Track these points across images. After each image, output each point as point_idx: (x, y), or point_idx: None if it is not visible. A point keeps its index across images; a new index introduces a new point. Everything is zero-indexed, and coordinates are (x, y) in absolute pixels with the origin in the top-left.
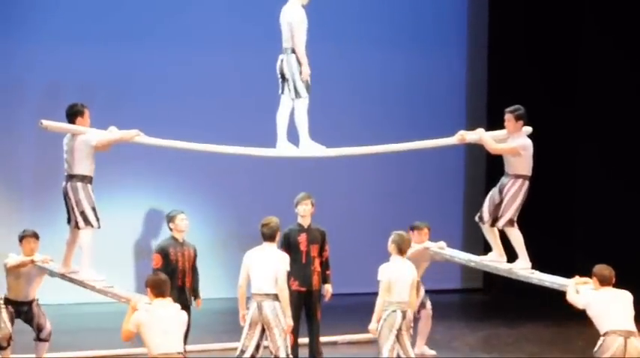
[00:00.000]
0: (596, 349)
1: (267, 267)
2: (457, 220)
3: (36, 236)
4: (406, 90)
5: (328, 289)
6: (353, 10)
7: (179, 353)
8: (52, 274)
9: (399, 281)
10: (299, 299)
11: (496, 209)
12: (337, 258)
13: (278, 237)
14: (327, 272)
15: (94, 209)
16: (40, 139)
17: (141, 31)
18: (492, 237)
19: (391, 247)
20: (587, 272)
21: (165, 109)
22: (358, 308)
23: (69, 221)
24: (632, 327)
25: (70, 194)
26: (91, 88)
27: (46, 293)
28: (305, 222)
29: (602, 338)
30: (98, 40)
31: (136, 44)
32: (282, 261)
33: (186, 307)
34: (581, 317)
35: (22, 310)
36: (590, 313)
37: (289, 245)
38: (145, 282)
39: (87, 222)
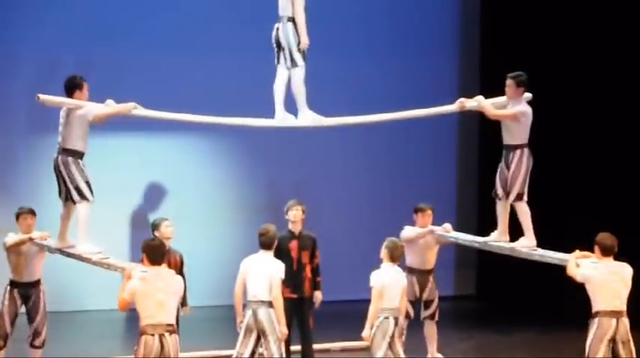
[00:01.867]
0: (592, 333)
1: (263, 275)
2: (450, 200)
3: (32, 212)
4: (398, 93)
5: (318, 296)
6: (343, 14)
7: (170, 324)
8: (50, 250)
9: (391, 288)
10: (290, 306)
11: (506, 183)
12: (329, 264)
13: (275, 246)
14: (318, 279)
15: (87, 183)
16: (33, 114)
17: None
18: (503, 214)
19: (383, 253)
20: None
21: (162, 81)
22: (350, 315)
23: (60, 194)
24: (623, 306)
25: (62, 168)
26: (87, 59)
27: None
28: (296, 228)
29: (594, 321)
30: (94, 11)
31: (132, 16)
32: (277, 269)
33: None
34: (573, 324)
35: (29, 294)
36: (588, 287)
37: (280, 252)
38: (141, 248)
39: (82, 196)
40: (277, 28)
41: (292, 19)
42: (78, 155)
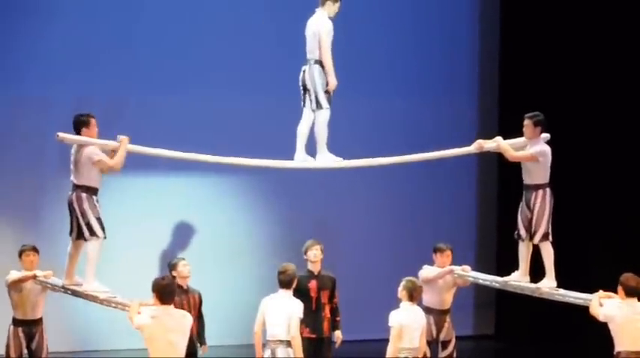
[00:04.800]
0: None
1: (282, 314)
2: (470, 240)
3: (35, 250)
4: (417, 133)
5: (339, 335)
6: (362, 56)
7: None
8: (54, 288)
9: (410, 328)
10: (310, 346)
11: (530, 224)
12: (348, 303)
13: (294, 285)
14: (337, 318)
15: (98, 219)
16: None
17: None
18: (526, 254)
19: (402, 293)
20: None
21: (186, 120)
22: (370, 355)
23: (70, 232)
24: None
25: (75, 204)
26: (117, 99)
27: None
28: (315, 268)
29: None
30: (124, 55)
31: (158, 57)
32: (296, 308)
33: (192, 354)
34: None
35: (33, 333)
36: (611, 327)
37: (299, 291)
38: (151, 287)
39: (92, 232)
40: (304, 71)
41: (319, 62)
42: (92, 191)
